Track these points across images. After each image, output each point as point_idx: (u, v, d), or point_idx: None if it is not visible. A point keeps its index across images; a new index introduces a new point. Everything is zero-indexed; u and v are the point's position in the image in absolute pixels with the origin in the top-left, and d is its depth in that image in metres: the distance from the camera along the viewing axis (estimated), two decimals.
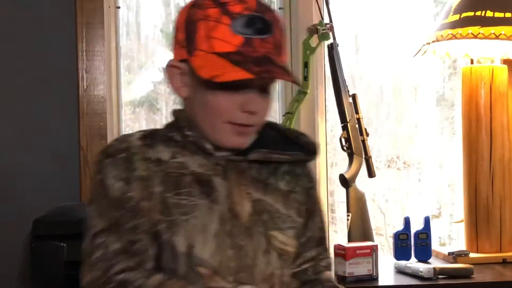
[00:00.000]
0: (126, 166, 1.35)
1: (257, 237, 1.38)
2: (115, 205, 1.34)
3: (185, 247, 1.32)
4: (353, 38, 4.01)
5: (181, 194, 1.35)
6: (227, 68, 1.30)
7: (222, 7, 1.33)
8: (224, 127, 1.37)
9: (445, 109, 4.01)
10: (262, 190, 1.42)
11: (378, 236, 4.00)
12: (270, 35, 1.34)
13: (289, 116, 2.90)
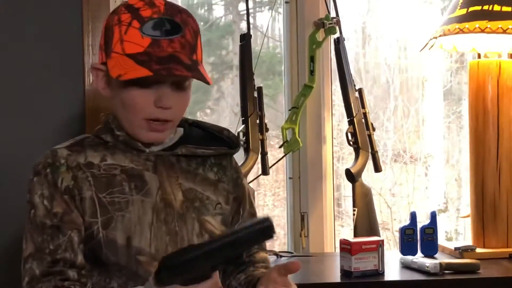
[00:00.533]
0: (50, 182, 1.49)
1: (190, 222, 1.51)
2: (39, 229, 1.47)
3: (124, 240, 1.45)
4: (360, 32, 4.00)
5: (114, 193, 1.47)
6: (132, 67, 1.42)
7: (133, 12, 1.46)
8: (141, 123, 1.49)
9: (452, 104, 4.00)
10: (192, 180, 1.55)
11: (385, 231, 4.00)
12: (178, 35, 1.46)
13: (295, 111, 2.90)
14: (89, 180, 1.48)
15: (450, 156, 4.06)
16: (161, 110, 1.48)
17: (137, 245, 1.46)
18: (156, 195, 1.51)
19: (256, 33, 3.62)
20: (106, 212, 1.47)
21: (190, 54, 1.49)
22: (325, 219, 3.00)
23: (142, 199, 1.49)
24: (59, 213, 1.47)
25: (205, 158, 1.61)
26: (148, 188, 1.50)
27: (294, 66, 3.02)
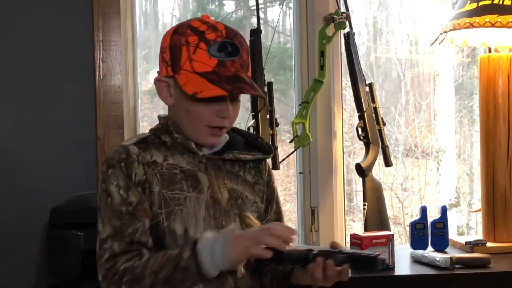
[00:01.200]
0: (125, 174, 1.67)
1: (233, 217, 1.74)
2: (117, 215, 1.66)
3: (182, 230, 1.67)
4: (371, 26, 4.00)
5: (175, 190, 1.69)
6: (206, 85, 1.64)
7: (200, 35, 1.67)
8: (203, 129, 1.72)
9: (464, 98, 3.99)
10: (235, 181, 1.79)
11: (396, 225, 4.00)
12: (238, 56, 1.69)
13: (305, 105, 2.90)
14: (157, 177, 1.69)
15: (462, 150, 4.06)
16: (222, 119, 1.71)
17: (192, 235, 1.67)
18: (207, 193, 1.72)
19: (267, 28, 3.63)
20: (168, 206, 1.68)
21: (246, 72, 1.73)
22: (336, 214, 3.00)
23: (196, 196, 1.71)
24: (133, 202, 1.67)
25: (245, 162, 1.83)
26: (201, 186, 1.72)
27: (304, 61, 3.02)
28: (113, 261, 1.64)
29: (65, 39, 2.81)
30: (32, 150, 2.80)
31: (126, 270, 1.61)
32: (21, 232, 2.76)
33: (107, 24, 2.82)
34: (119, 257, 1.64)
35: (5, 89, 2.79)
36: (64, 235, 2.35)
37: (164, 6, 3.88)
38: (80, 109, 2.83)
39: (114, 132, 2.83)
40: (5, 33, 2.79)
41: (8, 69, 2.79)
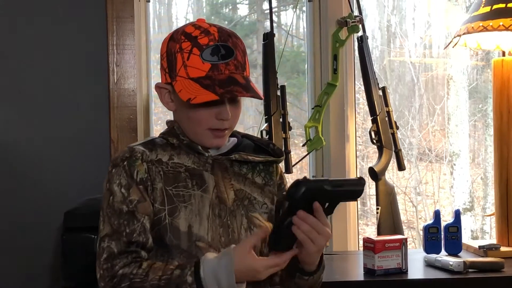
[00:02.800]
0: (128, 173, 1.71)
1: (239, 217, 1.76)
2: (116, 214, 1.69)
3: (186, 227, 1.69)
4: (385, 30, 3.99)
5: (179, 187, 1.72)
6: (199, 91, 1.67)
7: (193, 41, 1.70)
8: (204, 132, 1.74)
9: (478, 102, 3.98)
10: (242, 182, 1.80)
11: (410, 229, 3.99)
12: (232, 58, 1.71)
13: (318, 109, 2.90)
14: (160, 174, 1.72)
15: (476, 154, 4.05)
16: (222, 121, 1.73)
17: (196, 233, 1.69)
18: (213, 192, 1.75)
19: (281, 32, 3.63)
20: (172, 202, 1.71)
21: (242, 72, 1.73)
22: (349, 218, 3.00)
23: (201, 194, 1.73)
24: (134, 200, 1.70)
25: (254, 165, 1.84)
26: (207, 185, 1.74)
27: (317, 65, 3.02)
28: (111, 262, 1.66)
29: (79, 43, 2.83)
30: (46, 153, 2.81)
31: (124, 276, 1.63)
32: (35, 234, 2.77)
33: (121, 28, 2.83)
34: (117, 258, 1.66)
35: (19, 93, 2.80)
36: (78, 238, 2.35)
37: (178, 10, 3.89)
38: (94, 113, 2.84)
39: (128, 136, 2.84)
40: (20, 38, 2.81)
41: (22, 73, 2.80)
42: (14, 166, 2.80)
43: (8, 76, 2.80)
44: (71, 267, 2.33)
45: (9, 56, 2.80)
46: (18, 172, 2.80)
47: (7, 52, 2.80)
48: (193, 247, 1.69)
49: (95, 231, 2.33)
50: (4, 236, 2.79)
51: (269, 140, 1.95)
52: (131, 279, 1.63)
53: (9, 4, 2.80)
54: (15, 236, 2.78)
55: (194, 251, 1.69)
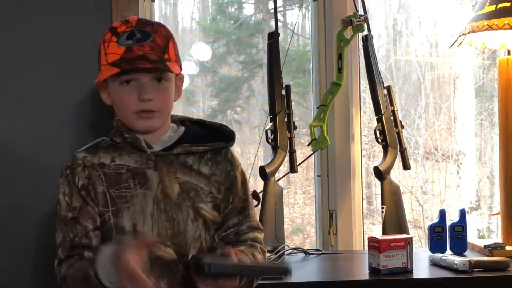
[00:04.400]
0: (70, 181, 1.80)
1: (185, 209, 1.79)
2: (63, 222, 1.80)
3: (130, 226, 1.75)
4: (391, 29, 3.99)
5: (121, 188, 1.77)
6: (107, 70, 1.75)
7: (113, 31, 1.78)
8: (132, 116, 1.78)
9: (485, 101, 3.97)
10: (188, 174, 1.82)
11: (416, 229, 3.99)
12: (148, 41, 1.74)
13: (323, 108, 2.90)
14: (101, 178, 1.78)
15: (482, 153, 4.04)
16: (145, 102, 1.76)
17: (141, 230, 1.75)
18: (157, 188, 1.78)
19: (287, 31, 3.63)
20: (115, 204, 1.76)
21: (161, 54, 1.76)
22: (354, 217, 3.00)
23: (144, 192, 1.77)
24: (77, 207, 1.78)
25: (201, 154, 1.86)
26: (150, 183, 1.78)
27: (322, 64, 3.02)
28: (58, 268, 1.78)
29: (84, 43, 2.83)
30: (48, 153, 2.81)
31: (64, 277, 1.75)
32: (38, 235, 2.78)
33: None
34: (63, 262, 1.77)
35: (22, 90, 2.81)
36: None
37: (183, 10, 3.89)
38: (98, 112, 2.84)
39: None
40: (23, 35, 2.81)
41: (25, 71, 2.81)
42: (16, 166, 2.81)
43: (10, 75, 2.81)
44: None
45: (11, 56, 2.81)
46: (20, 172, 2.80)
47: (8, 51, 2.81)
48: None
49: None
50: (6, 237, 2.79)
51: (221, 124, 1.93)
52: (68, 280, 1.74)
53: (12, 3, 2.80)
54: (17, 236, 2.79)
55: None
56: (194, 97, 3.57)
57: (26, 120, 2.81)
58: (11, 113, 2.81)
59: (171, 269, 1.75)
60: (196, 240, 1.80)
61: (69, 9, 2.82)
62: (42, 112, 2.82)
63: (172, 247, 1.76)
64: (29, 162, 2.81)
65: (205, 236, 1.82)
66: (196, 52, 3.33)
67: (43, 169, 2.80)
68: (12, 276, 2.79)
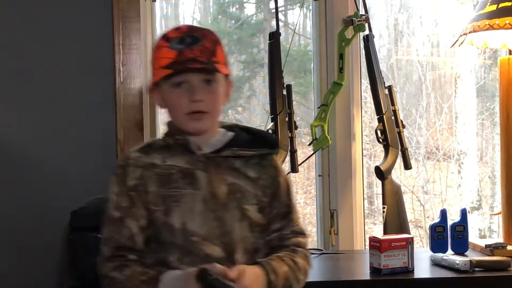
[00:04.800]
0: (121, 181, 1.85)
1: (232, 210, 1.84)
2: (110, 220, 1.85)
3: (180, 224, 1.80)
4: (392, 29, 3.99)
5: (171, 188, 1.82)
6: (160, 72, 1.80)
7: (165, 37, 1.84)
8: (184, 118, 1.83)
9: (486, 100, 3.97)
10: (236, 177, 1.87)
11: (417, 228, 3.99)
12: (197, 45, 1.81)
13: (324, 108, 2.90)
14: (153, 178, 1.82)
15: (483, 153, 4.04)
16: (196, 103, 1.80)
17: (190, 229, 1.79)
18: (206, 189, 1.83)
19: (288, 31, 3.63)
20: (165, 203, 1.81)
21: (210, 56, 1.82)
22: (355, 217, 3.00)
23: (193, 192, 1.82)
24: (124, 207, 1.83)
25: (248, 158, 1.90)
26: (199, 183, 1.83)
27: (323, 64, 3.02)
28: (102, 264, 1.84)
29: (86, 43, 2.83)
30: (53, 152, 2.82)
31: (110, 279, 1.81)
32: (42, 234, 2.78)
33: (127, 28, 2.84)
34: (108, 262, 1.83)
35: (26, 92, 2.81)
36: (85, 237, 2.35)
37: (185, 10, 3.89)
38: (100, 112, 2.84)
39: (134, 135, 2.84)
40: (26, 37, 2.82)
41: (28, 73, 2.81)
42: (21, 165, 2.81)
43: (14, 76, 2.81)
44: (78, 266, 2.33)
45: (15, 56, 2.82)
46: (25, 172, 2.81)
47: (12, 52, 2.82)
48: (188, 242, 1.79)
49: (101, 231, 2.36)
50: (11, 236, 2.80)
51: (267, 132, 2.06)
52: (114, 283, 1.80)
53: (15, 3, 2.81)
54: (22, 235, 2.79)
55: (189, 246, 1.79)
56: None
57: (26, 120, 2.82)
58: (12, 113, 2.82)
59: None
60: (242, 240, 1.84)
61: (70, 9, 2.83)
62: (43, 112, 2.83)
63: (220, 246, 1.81)
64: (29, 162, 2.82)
65: (251, 237, 1.86)
66: None
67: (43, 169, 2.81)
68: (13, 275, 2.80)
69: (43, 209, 2.79)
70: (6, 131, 2.81)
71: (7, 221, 2.79)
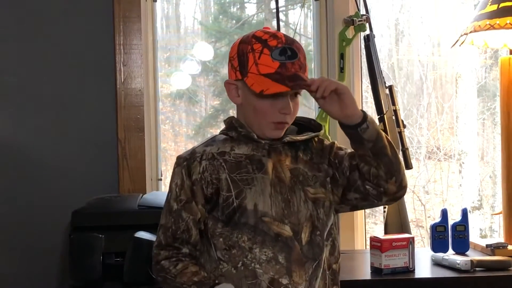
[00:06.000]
0: (184, 173, 1.94)
1: (298, 192, 1.95)
2: (169, 210, 1.95)
3: (252, 206, 1.90)
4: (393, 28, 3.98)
5: (242, 173, 1.93)
6: (271, 84, 1.86)
7: (263, 43, 1.90)
8: (268, 125, 1.93)
9: (487, 100, 3.96)
10: (295, 161, 1.99)
11: (419, 228, 3.98)
12: (297, 59, 1.89)
13: None
14: (223, 165, 1.94)
15: (484, 152, 4.03)
16: (284, 115, 1.91)
17: (262, 209, 1.90)
18: (272, 173, 1.94)
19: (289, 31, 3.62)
20: (237, 187, 1.91)
21: (304, 72, 1.92)
22: (356, 216, 3.00)
23: (262, 176, 1.93)
24: (183, 200, 1.94)
25: (299, 144, 2.01)
26: (266, 168, 1.94)
27: (324, 63, 3.02)
28: (157, 250, 1.95)
29: (86, 43, 2.84)
30: (54, 152, 2.83)
31: (163, 268, 1.93)
32: (43, 234, 2.79)
33: (128, 28, 2.85)
34: (163, 249, 1.94)
35: (26, 92, 2.82)
36: (86, 237, 2.36)
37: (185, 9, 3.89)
38: (101, 112, 2.85)
39: (135, 135, 2.85)
40: (28, 38, 2.82)
41: (29, 73, 2.82)
42: (22, 165, 2.82)
43: (15, 76, 2.82)
44: (79, 266, 2.33)
45: (16, 56, 2.82)
46: (26, 172, 2.82)
47: (13, 51, 2.82)
48: (259, 222, 1.90)
49: (102, 230, 2.37)
50: (12, 235, 2.80)
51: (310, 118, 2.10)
52: (166, 273, 1.92)
53: (17, 3, 2.81)
54: (23, 235, 2.80)
55: (260, 226, 1.89)
56: (197, 97, 3.57)
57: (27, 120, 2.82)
58: (13, 113, 2.82)
59: (288, 245, 1.88)
60: (308, 220, 1.93)
61: (71, 9, 2.83)
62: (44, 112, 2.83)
63: (288, 225, 1.90)
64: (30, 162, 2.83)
65: (317, 215, 1.95)
66: (198, 52, 3.33)
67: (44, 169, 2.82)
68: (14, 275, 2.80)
69: (44, 208, 2.80)
70: (7, 131, 2.81)
71: (9, 221, 2.80)
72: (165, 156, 3.34)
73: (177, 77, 3.26)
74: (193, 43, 3.45)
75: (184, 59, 3.25)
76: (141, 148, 2.88)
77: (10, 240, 2.80)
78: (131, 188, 2.85)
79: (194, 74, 3.32)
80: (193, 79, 3.33)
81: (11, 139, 2.82)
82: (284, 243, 1.89)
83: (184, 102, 3.49)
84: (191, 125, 3.58)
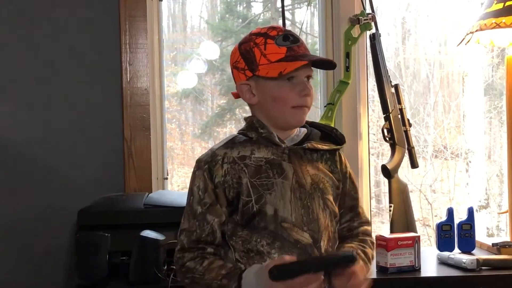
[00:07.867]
0: (207, 177, 1.92)
1: (317, 199, 1.94)
2: (192, 213, 1.92)
3: (272, 211, 1.88)
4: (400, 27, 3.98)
5: (262, 178, 1.90)
6: (286, 65, 1.85)
7: (264, 35, 1.91)
8: (290, 111, 1.90)
9: (494, 99, 3.95)
10: (316, 168, 1.97)
11: (425, 227, 3.98)
12: (300, 43, 1.91)
13: (331, 107, 2.90)
14: (244, 170, 1.91)
15: (491, 151, 4.02)
16: (304, 98, 1.89)
17: (282, 215, 1.88)
18: (292, 178, 1.92)
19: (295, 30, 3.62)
20: (257, 192, 1.89)
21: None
22: None
23: (282, 181, 1.91)
24: (207, 203, 1.91)
25: (322, 153, 2.01)
26: (286, 173, 1.92)
27: None
28: (181, 254, 1.92)
29: (92, 42, 2.84)
30: (60, 152, 2.83)
31: (189, 269, 1.90)
32: (50, 233, 2.80)
33: (134, 27, 2.85)
34: (186, 252, 1.91)
35: (33, 92, 2.83)
36: (92, 236, 2.36)
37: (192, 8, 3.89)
38: (107, 112, 2.85)
39: (141, 134, 2.85)
40: (33, 38, 2.83)
41: (35, 73, 2.82)
42: (28, 164, 2.82)
43: (21, 75, 2.82)
44: (85, 265, 2.34)
45: (22, 56, 2.83)
46: (32, 171, 2.82)
47: (20, 51, 2.83)
48: (279, 227, 1.88)
49: (108, 229, 2.37)
50: (19, 235, 2.81)
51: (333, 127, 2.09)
52: (193, 273, 1.89)
53: (22, 2, 2.82)
54: (29, 234, 2.81)
55: (280, 231, 1.88)
56: (203, 96, 3.57)
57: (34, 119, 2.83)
58: (20, 113, 2.83)
59: (307, 252, 1.86)
60: (326, 228, 1.93)
61: (77, 8, 2.84)
62: (50, 111, 2.84)
63: (308, 232, 1.89)
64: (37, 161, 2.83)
65: (331, 226, 1.95)
66: (205, 50, 3.33)
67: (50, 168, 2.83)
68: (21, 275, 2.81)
69: (50, 208, 2.80)
70: (14, 131, 2.82)
71: (15, 221, 2.81)
72: (171, 155, 3.35)
73: (183, 76, 3.26)
74: (199, 42, 3.45)
75: (190, 58, 3.25)
76: (147, 147, 2.88)
77: (16, 239, 2.81)
78: (137, 187, 2.86)
79: (200, 73, 3.32)
80: (199, 78, 3.34)
81: (18, 139, 2.82)
82: (303, 250, 1.87)
83: (191, 101, 3.50)
84: (198, 124, 3.58)
